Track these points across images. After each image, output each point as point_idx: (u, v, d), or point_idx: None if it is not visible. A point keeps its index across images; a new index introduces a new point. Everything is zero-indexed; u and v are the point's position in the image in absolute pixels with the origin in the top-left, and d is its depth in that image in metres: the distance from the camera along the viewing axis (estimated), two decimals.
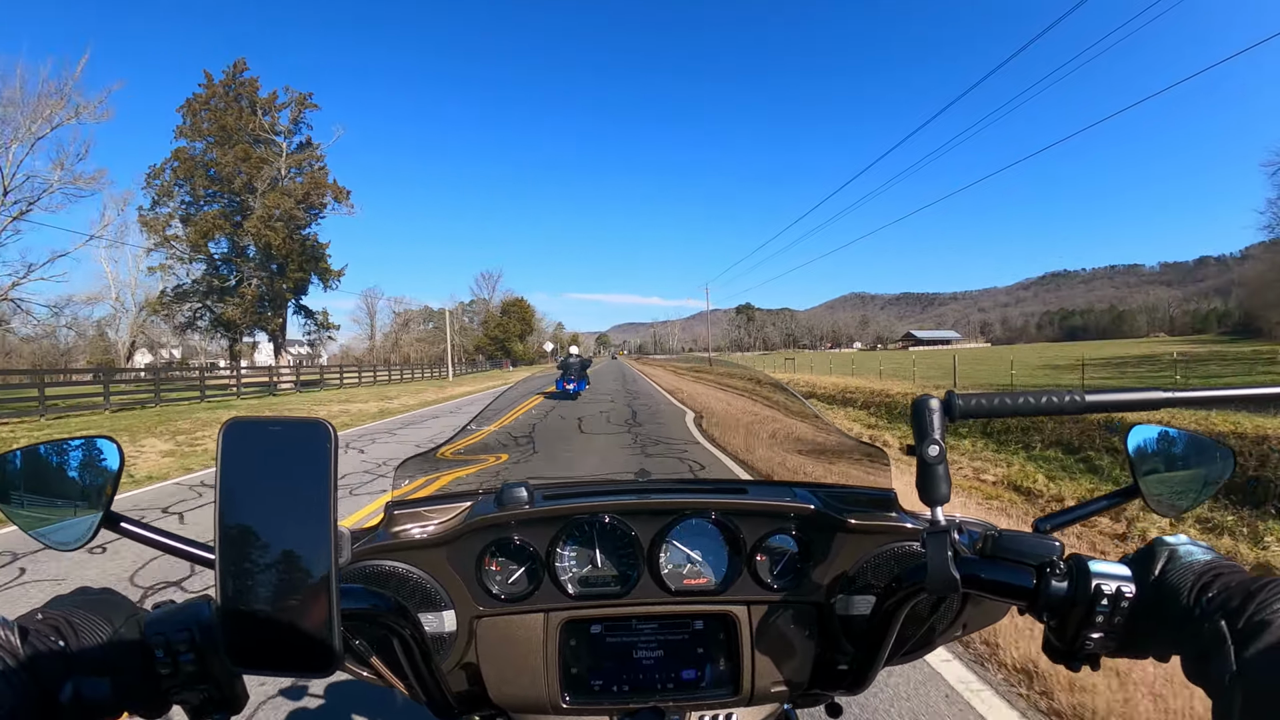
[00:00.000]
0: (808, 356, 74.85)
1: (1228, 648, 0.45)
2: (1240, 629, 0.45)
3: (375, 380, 37.96)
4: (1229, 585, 0.49)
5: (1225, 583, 0.50)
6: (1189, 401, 0.65)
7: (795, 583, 0.92)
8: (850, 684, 0.87)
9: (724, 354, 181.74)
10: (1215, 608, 0.48)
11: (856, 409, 16.86)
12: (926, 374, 27.17)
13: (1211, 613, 0.48)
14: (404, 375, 42.95)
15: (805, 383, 25.26)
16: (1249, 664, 0.43)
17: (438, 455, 1.19)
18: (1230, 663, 0.44)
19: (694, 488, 1.14)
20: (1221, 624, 0.46)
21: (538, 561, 0.91)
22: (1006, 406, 0.68)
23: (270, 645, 0.48)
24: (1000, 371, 28.59)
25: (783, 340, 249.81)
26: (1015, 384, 22.23)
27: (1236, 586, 0.49)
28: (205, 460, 9.37)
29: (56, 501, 0.62)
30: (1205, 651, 0.47)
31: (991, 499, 6.82)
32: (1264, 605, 0.45)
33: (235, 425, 0.48)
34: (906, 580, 0.73)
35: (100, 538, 0.62)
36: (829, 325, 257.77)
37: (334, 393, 28.00)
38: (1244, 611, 0.46)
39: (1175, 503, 0.69)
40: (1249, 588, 0.47)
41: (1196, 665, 0.48)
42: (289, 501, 0.48)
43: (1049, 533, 0.67)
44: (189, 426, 13.92)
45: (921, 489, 0.65)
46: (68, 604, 0.55)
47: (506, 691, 0.89)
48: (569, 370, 4.97)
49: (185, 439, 12.01)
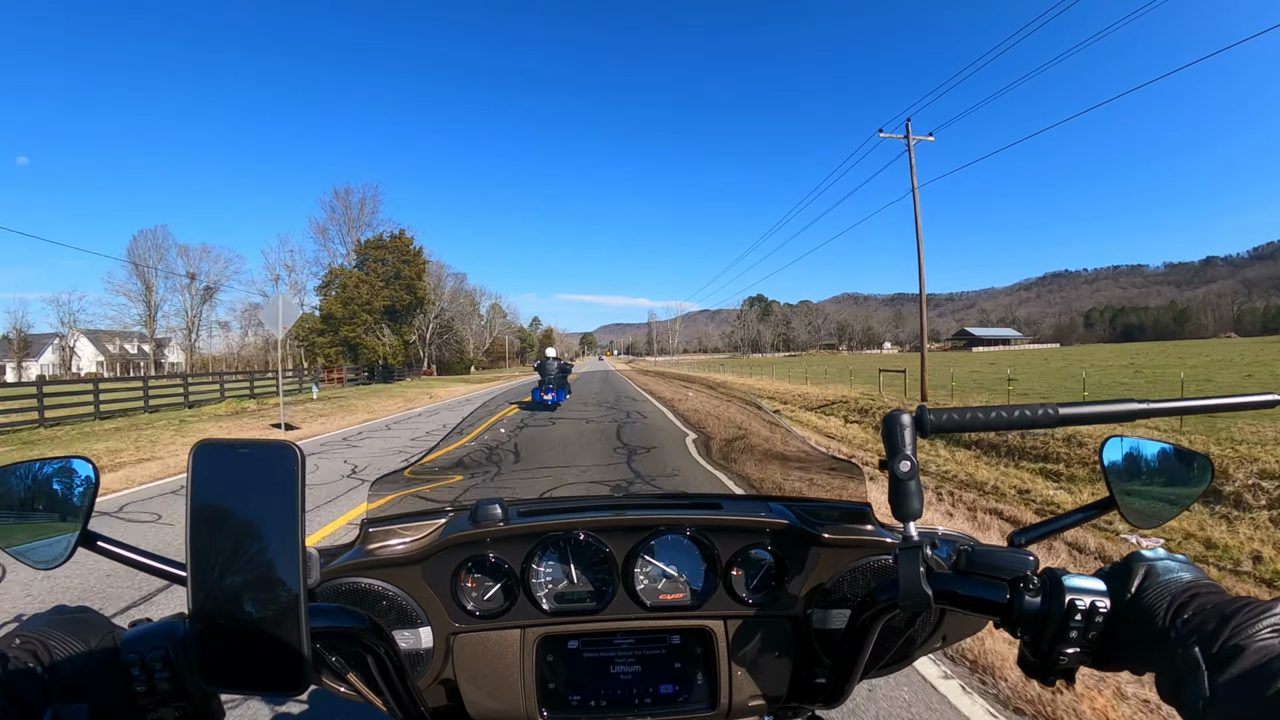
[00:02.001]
0: (861, 361, 55.72)
1: (1202, 672, 0.45)
2: (1214, 654, 0.45)
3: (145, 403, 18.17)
4: (1205, 607, 0.50)
5: (1201, 604, 0.50)
6: (1163, 412, 0.66)
7: (771, 597, 0.93)
8: (828, 697, 0.87)
9: (738, 357, 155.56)
10: (1190, 631, 0.48)
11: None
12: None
13: (1186, 636, 0.48)
14: (191, 396, 20.71)
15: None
16: (1222, 690, 0.43)
17: (409, 474, 1.20)
18: (1204, 688, 0.44)
19: (669, 503, 1.15)
20: (1196, 649, 0.46)
21: (513, 578, 0.92)
22: (979, 420, 0.68)
23: (241, 664, 0.50)
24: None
25: (811, 337, 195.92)
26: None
27: (1212, 609, 0.49)
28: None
29: (33, 520, 0.64)
30: (1179, 675, 0.47)
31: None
32: (1239, 629, 0.45)
33: (205, 447, 0.51)
34: (880, 595, 0.73)
35: (77, 555, 0.63)
36: (859, 322, 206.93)
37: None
38: (1219, 636, 0.46)
39: (1151, 515, 0.70)
40: (1224, 611, 0.48)
41: (1171, 687, 0.48)
42: (258, 522, 0.50)
43: (1024, 546, 0.67)
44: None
45: (894, 504, 0.65)
46: (43, 623, 0.56)
47: (484, 707, 0.89)
48: (547, 376, 4.68)
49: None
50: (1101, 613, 0.57)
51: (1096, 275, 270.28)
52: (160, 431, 13.55)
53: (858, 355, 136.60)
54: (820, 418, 15.46)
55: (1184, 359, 23.71)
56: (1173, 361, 35.75)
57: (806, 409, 17.48)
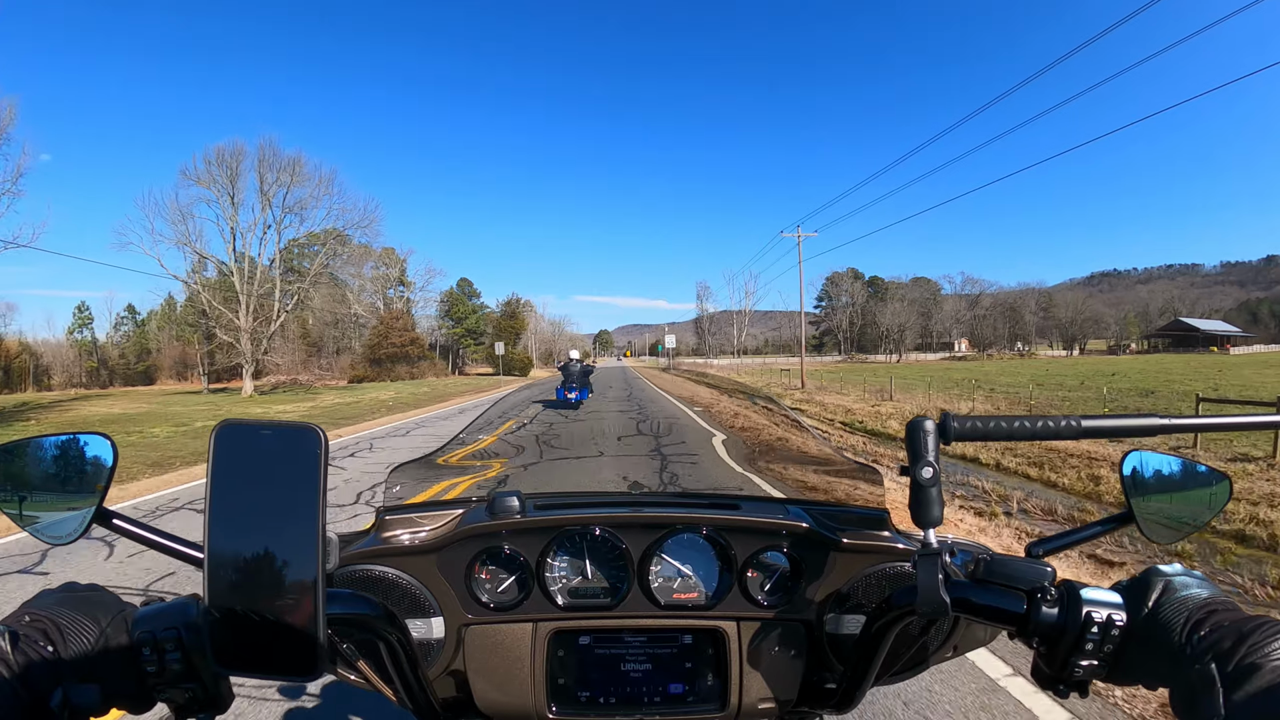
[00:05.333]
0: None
1: (1217, 690, 0.46)
2: (1230, 672, 0.46)
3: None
4: (1221, 625, 0.51)
5: (1218, 621, 0.51)
6: (1184, 428, 0.67)
7: (786, 600, 0.95)
8: (838, 703, 0.89)
9: (845, 361, 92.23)
10: (1206, 648, 0.49)
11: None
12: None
13: (1202, 653, 0.49)
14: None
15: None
16: (1237, 707, 0.44)
17: (428, 464, 1.24)
18: (1219, 707, 0.45)
19: (686, 502, 1.17)
20: (1212, 666, 0.47)
21: (527, 571, 0.95)
22: (1002, 430, 0.70)
23: (256, 648, 0.50)
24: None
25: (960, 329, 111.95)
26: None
27: (1229, 627, 0.50)
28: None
29: (49, 496, 0.64)
30: (1194, 692, 0.48)
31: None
32: (1255, 648, 0.46)
33: (227, 428, 0.51)
34: (897, 601, 0.75)
35: (93, 533, 0.65)
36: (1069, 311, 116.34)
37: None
38: (1235, 654, 0.47)
39: (1170, 529, 0.71)
40: (1241, 629, 0.49)
41: (1185, 704, 0.50)
42: (278, 505, 0.50)
43: (1041, 557, 0.69)
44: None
45: (914, 511, 0.67)
46: (53, 601, 0.56)
47: (493, 700, 0.92)
48: (570, 376, 5.03)
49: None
50: (1118, 626, 0.58)
51: (1149, 275, 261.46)
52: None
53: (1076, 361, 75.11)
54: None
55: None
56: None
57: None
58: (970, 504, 7.44)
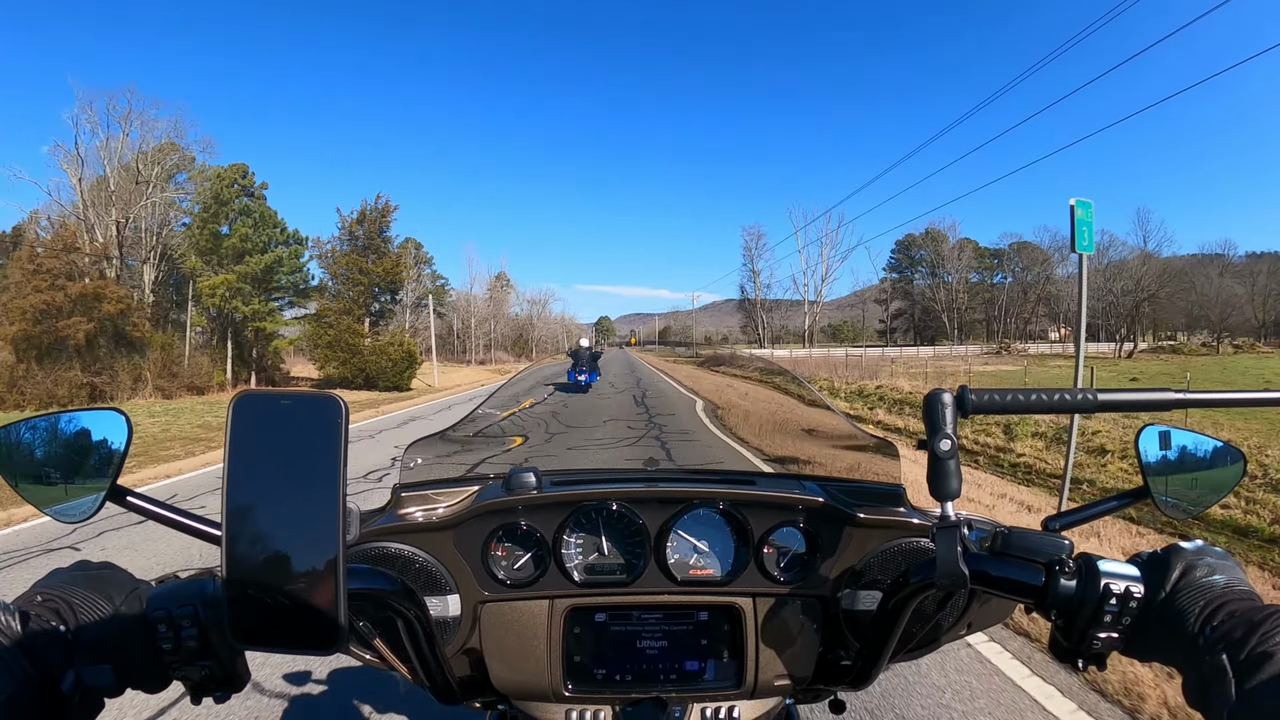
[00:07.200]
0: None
1: (1229, 679, 0.48)
2: (1242, 661, 0.48)
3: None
4: (1234, 614, 0.53)
5: (1232, 610, 0.53)
6: (1201, 403, 0.68)
7: (802, 576, 0.97)
8: (854, 680, 0.91)
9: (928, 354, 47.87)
10: (1219, 638, 0.52)
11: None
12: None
13: (1215, 643, 0.52)
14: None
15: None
16: (1249, 697, 0.46)
17: (444, 439, 1.25)
18: (1230, 695, 0.47)
19: (702, 478, 1.18)
20: (1223, 657, 0.50)
21: (544, 548, 0.97)
22: (1019, 403, 0.71)
23: (276, 622, 0.50)
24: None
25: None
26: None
27: (1241, 616, 0.52)
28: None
29: (62, 473, 0.64)
30: (1206, 681, 0.50)
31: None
32: (1267, 636, 0.48)
33: (245, 398, 0.51)
34: (914, 576, 0.76)
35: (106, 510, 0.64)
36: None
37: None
38: (1246, 643, 0.49)
39: (1185, 505, 0.73)
40: (1253, 618, 0.51)
41: (1197, 692, 0.52)
42: (298, 477, 0.50)
43: (1058, 531, 0.70)
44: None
45: (932, 484, 0.68)
46: (65, 580, 0.57)
47: (508, 677, 0.94)
48: (579, 360, 5.54)
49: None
50: (1136, 598, 0.60)
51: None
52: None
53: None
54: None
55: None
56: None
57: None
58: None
